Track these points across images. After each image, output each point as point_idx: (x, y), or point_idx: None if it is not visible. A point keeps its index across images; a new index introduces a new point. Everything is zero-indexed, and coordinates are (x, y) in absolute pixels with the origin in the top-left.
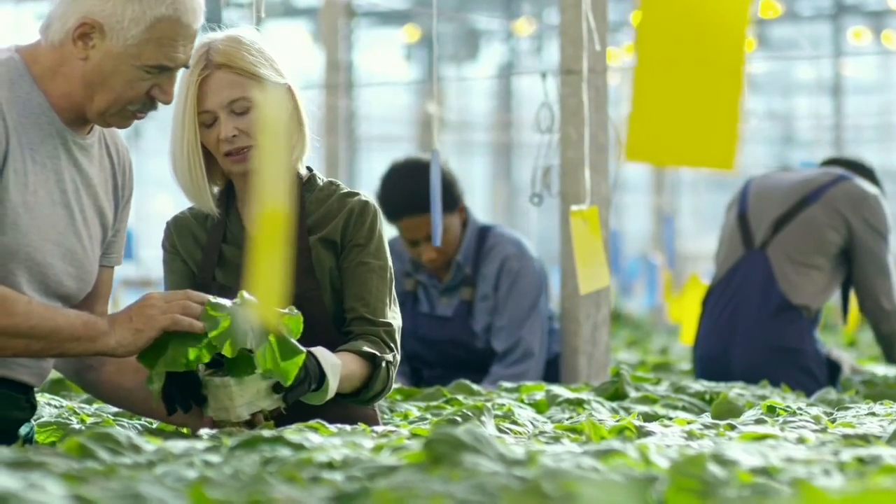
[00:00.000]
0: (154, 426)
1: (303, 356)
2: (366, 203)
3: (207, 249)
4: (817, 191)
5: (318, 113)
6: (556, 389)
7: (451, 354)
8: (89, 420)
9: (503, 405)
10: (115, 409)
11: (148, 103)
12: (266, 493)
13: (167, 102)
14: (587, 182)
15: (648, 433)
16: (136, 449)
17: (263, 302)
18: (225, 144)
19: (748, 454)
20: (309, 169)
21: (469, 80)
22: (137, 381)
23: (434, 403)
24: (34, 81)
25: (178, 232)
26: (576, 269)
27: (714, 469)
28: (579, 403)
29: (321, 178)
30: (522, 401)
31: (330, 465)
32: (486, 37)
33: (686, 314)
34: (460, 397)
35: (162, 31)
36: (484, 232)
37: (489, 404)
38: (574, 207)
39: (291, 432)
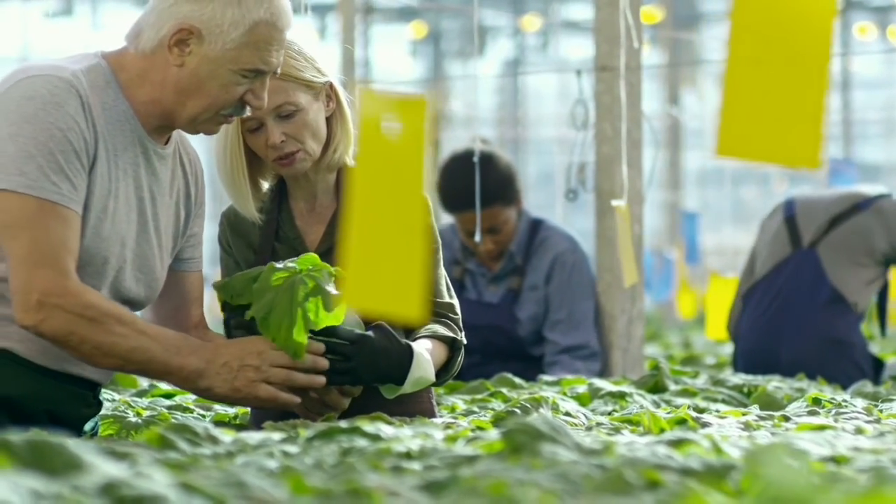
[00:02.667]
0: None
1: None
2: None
3: (260, 248)
4: (868, 201)
5: None
6: (598, 383)
7: (492, 342)
8: (145, 413)
9: (547, 398)
10: (168, 402)
11: (239, 108)
12: (359, 482)
13: (260, 108)
14: (624, 178)
15: (706, 424)
16: (213, 440)
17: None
18: (273, 151)
19: (815, 444)
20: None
21: (473, 76)
22: None
23: (479, 396)
24: (120, 89)
25: (231, 226)
26: (614, 263)
27: (788, 458)
28: (622, 396)
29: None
30: (565, 394)
31: (408, 455)
32: (493, 33)
33: (713, 309)
34: (504, 390)
35: (259, 34)
36: (536, 224)
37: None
38: (614, 202)
39: (366, 423)
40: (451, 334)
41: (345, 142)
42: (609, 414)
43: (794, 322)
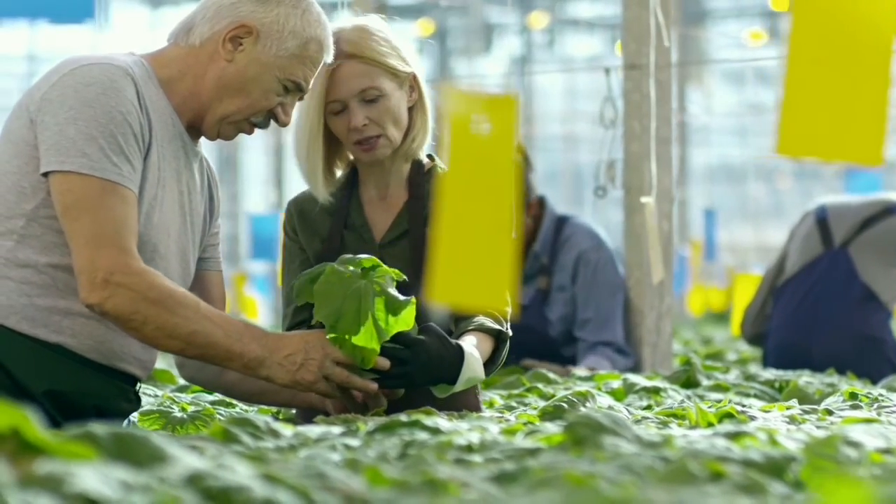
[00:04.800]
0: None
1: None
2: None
3: (330, 235)
4: None
5: None
6: (632, 378)
7: (523, 343)
8: (189, 409)
9: (592, 393)
10: (211, 398)
11: (266, 120)
12: (434, 474)
13: (285, 124)
14: (653, 175)
15: (752, 418)
16: (274, 434)
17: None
18: (355, 134)
19: (869, 436)
20: (430, 157)
21: (481, 75)
22: None
23: (515, 392)
24: (160, 85)
25: (299, 213)
26: (643, 259)
27: (846, 450)
28: (656, 391)
29: (442, 166)
30: (599, 389)
31: (469, 448)
32: (499, 30)
33: (740, 307)
34: (540, 385)
35: (310, 51)
36: (561, 222)
37: (591, 390)
38: (643, 199)
39: (425, 416)
40: (497, 326)
41: (423, 134)
42: (646, 408)
43: (825, 319)
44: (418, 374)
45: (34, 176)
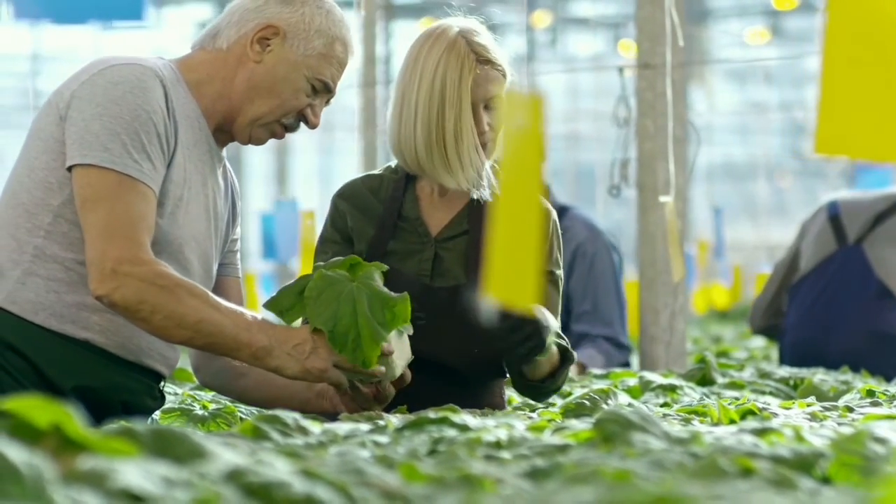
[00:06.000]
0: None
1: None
2: (548, 210)
3: (382, 224)
4: None
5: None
6: (649, 376)
7: None
8: (211, 406)
9: (614, 390)
10: None
11: (296, 122)
12: (467, 470)
13: (315, 126)
14: (671, 174)
15: (774, 414)
16: (303, 431)
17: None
18: (480, 137)
19: (894, 433)
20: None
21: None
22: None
23: None
24: (188, 89)
25: (353, 204)
26: (656, 258)
27: (873, 446)
28: (672, 389)
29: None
30: (616, 387)
31: (498, 445)
32: (502, 29)
33: None
34: None
35: (336, 51)
36: (561, 213)
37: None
38: (661, 198)
39: (452, 413)
40: (566, 345)
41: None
42: (663, 406)
43: (841, 316)
44: (542, 329)
45: (61, 172)
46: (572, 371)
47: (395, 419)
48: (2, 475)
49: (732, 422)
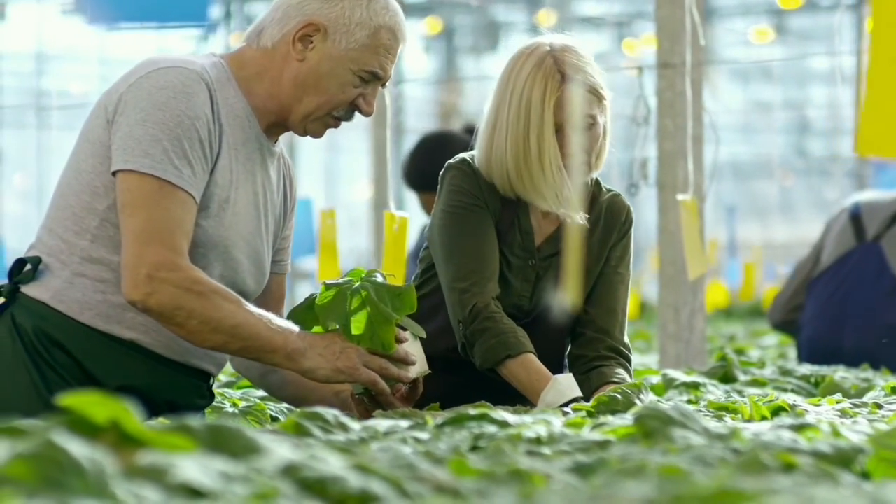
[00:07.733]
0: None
1: (393, 324)
2: (629, 208)
3: (502, 224)
4: None
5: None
6: (672, 373)
7: None
8: (241, 404)
9: (645, 384)
10: (261, 393)
11: (349, 112)
12: (516, 465)
13: (369, 114)
14: (690, 173)
15: (804, 411)
16: (343, 427)
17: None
18: (566, 158)
19: None
20: (598, 183)
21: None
22: None
23: None
24: (239, 86)
25: (481, 182)
26: (676, 256)
27: None
28: (695, 387)
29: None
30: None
31: (538, 441)
32: (507, 28)
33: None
34: None
35: (381, 39)
36: None
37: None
38: (680, 197)
39: (490, 409)
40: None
41: (604, 154)
42: (688, 403)
43: (857, 311)
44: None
45: (107, 175)
46: None
47: (432, 416)
48: (65, 470)
49: (764, 418)
